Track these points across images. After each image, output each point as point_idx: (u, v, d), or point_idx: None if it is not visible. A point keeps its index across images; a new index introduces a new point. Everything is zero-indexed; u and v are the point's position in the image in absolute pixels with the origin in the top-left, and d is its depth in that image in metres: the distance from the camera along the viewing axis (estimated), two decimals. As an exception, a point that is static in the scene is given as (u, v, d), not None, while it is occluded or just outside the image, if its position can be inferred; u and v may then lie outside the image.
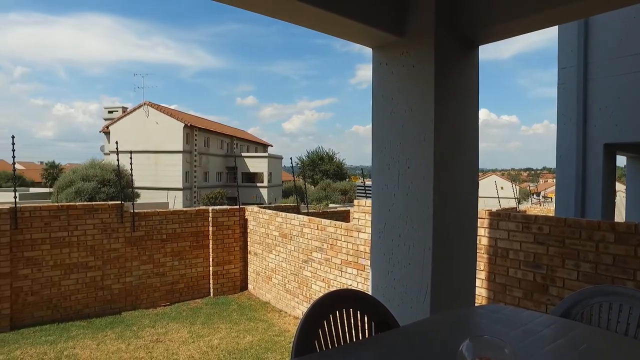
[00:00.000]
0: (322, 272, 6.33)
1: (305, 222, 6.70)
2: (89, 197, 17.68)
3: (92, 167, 20.02)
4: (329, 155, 48.59)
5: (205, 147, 36.45)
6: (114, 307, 7.09)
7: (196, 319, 6.76)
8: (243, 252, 8.34)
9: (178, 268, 7.74)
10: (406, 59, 2.62)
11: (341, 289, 4.38)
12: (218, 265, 8.04)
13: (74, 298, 6.77)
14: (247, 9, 2.31)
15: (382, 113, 2.79)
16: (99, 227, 6.99)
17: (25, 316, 6.39)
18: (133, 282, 7.30)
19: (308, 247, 6.62)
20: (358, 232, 5.67)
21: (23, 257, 6.39)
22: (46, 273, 6.56)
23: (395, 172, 2.66)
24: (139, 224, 7.35)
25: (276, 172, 42.14)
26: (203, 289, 8.03)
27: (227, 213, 8.15)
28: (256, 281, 8.12)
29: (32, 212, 6.50)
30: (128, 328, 6.30)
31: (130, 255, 7.27)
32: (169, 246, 7.63)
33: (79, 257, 6.81)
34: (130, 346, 5.61)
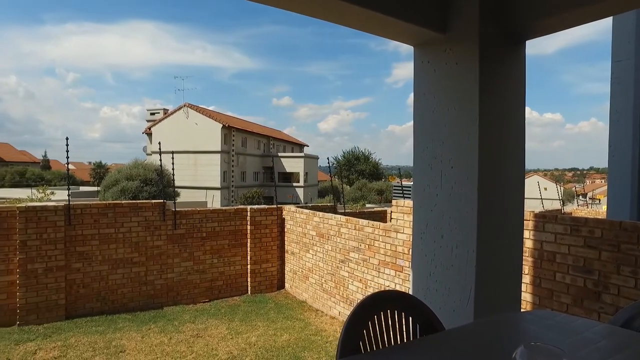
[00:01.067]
0: (359, 272, 6.30)
1: (342, 222, 6.68)
2: (132, 196, 18.43)
3: (135, 166, 20.85)
4: (365, 155, 48.34)
5: (243, 147, 37.13)
6: (157, 302, 7.34)
7: (234, 316, 6.89)
8: (280, 251, 8.43)
9: (217, 266, 7.92)
10: (449, 56, 2.56)
11: (386, 289, 4.34)
12: (256, 263, 8.17)
13: (120, 292, 7.07)
14: (289, 9, 2.32)
15: (424, 112, 2.74)
16: (142, 224, 7.26)
17: (78, 307, 6.74)
18: (174, 278, 7.53)
19: (345, 247, 6.60)
20: (396, 233, 5.59)
21: (75, 252, 6.74)
22: (96, 267, 6.89)
23: (438, 172, 2.60)
24: (180, 222, 7.57)
25: (312, 171, 42.35)
26: (241, 286, 8.17)
27: (265, 212, 8.27)
28: (293, 280, 8.18)
29: (83, 210, 6.84)
30: (170, 322, 6.51)
31: (172, 252, 7.50)
32: (208, 244, 7.82)
33: (125, 253, 7.11)
34: (172, 340, 5.79)
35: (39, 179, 37.43)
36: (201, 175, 32.87)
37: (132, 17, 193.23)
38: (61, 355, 5.22)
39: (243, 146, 37.27)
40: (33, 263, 6.36)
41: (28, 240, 6.33)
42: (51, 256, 6.46)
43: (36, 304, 6.38)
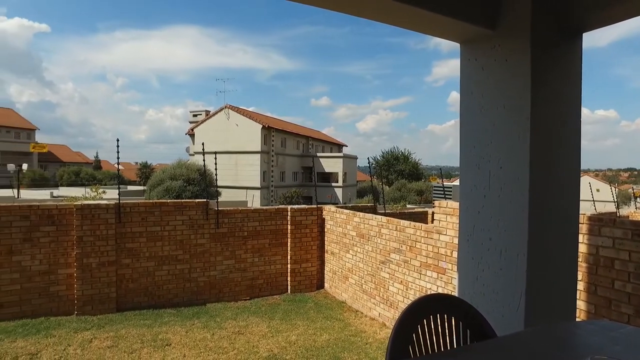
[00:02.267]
0: (400, 273, 6.21)
1: (383, 223, 6.61)
2: (176, 195, 19.08)
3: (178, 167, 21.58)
4: (404, 155, 47.68)
5: (282, 148, 37.57)
6: (200, 299, 7.55)
7: (275, 315, 6.97)
8: (320, 251, 8.45)
9: (258, 264, 8.05)
10: (498, 52, 2.46)
11: (436, 293, 4.24)
12: (296, 263, 8.23)
13: (165, 287, 7.33)
14: (333, 9, 2.31)
15: (472, 110, 2.65)
16: (187, 223, 7.50)
17: (127, 300, 7.05)
18: (217, 276, 7.72)
19: (386, 248, 6.53)
20: (439, 234, 5.47)
21: (125, 248, 7.05)
22: (143, 263, 7.18)
23: (486, 173, 2.51)
24: (222, 221, 7.75)
25: (351, 172, 42.22)
26: (281, 285, 8.26)
27: (305, 212, 8.32)
28: (333, 280, 8.18)
29: (132, 208, 7.15)
30: (212, 319, 6.68)
31: (215, 250, 7.70)
32: (249, 243, 7.97)
33: (170, 251, 7.36)
34: (214, 336, 5.93)
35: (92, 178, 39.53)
36: (241, 175, 33.55)
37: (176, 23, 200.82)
38: (113, 345, 5.48)
39: (282, 146, 37.70)
40: (88, 257, 6.72)
41: (83, 236, 6.69)
42: (103, 252, 6.80)
43: (91, 296, 6.74)
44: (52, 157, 49.03)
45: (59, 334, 5.87)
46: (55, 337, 5.76)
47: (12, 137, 44.43)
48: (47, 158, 47.57)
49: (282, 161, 37.02)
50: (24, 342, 5.56)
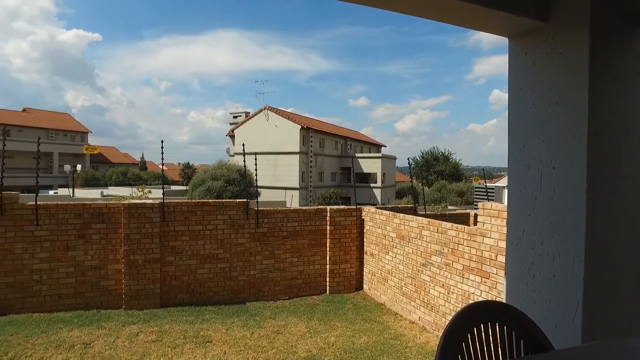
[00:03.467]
0: (441, 277, 6.04)
1: (424, 224, 6.46)
2: (216, 195, 19.54)
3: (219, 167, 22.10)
4: (445, 156, 46.64)
5: (321, 148, 37.67)
6: (240, 297, 7.67)
7: (313, 315, 6.97)
8: (359, 252, 8.38)
9: (297, 264, 8.08)
10: (551, 45, 2.32)
11: (487, 300, 4.08)
12: (335, 263, 8.20)
13: (206, 285, 7.50)
14: (378, 7, 2.25)
15: (521, 108, 2.51)
16: (227, 222, 7.64)
17: (170, 297, 7.28)
18: (256, 275, 7.82)
19: (427, 250, 6.37)
20: (483, 237, 5.27)
21: (169, 246, 7.28)
22: (186, 261, 7.38)
23: (537, 173, 2.37)
24: (262, 221, 7.84)
25: (390, 172, 41.75)
26: (320, 286, 8.26)
27: (345, 213, 8.27)
28: (371, 282, 8.09)
29: (175, 208, 7.37)
30: (252, 318, 6.76)
31: (254, 249, 7.80)
32: (289, 243, 8.01)
33: (211, 249, 7.53)
34: (254, 334, 6.00)
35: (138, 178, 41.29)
36: (280, 175, 33.93)
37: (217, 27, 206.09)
38: (157, 340, 5.66)
39: (321, 147, 37.81)
40: (134, 254, 6.99)
41: (130, 234, 6.96)
42: (149, 249, 7.05)
43: (137, 292, 7.01)
44: (102, 158, 51.65)
45: (108, 326, 6.14)
46: (105, 329, 6.03)
47: (68, 140, 47.17)
48: (98, 159, 50.16)
49: (320, 162, 37.13)
50: (79, 332, 5.86)
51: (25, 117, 46.12)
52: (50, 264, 6.73)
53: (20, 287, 6.64)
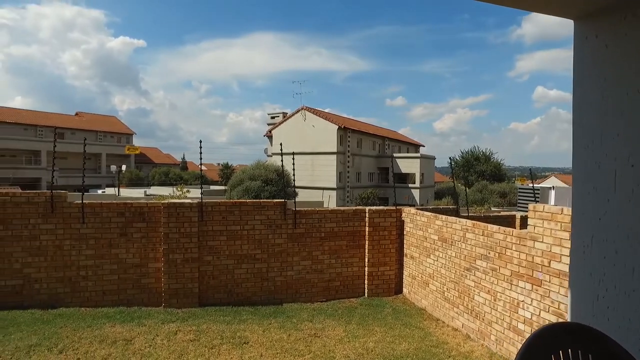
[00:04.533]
0: (487, 282, 5.71)
1: (468, 227, 6.14)
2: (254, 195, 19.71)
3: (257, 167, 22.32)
4: (485, 155, 45.13)
5: (358, 148, 37.37)
6: (277, 298, 7.61)
7: (351, 318, 6.79)
8: (399, 254, 8.12)
9: (335, 266, 7.93)
10: (629, 25, 2.03)
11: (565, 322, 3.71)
12: (373, 266, 7.99)
13: (244, 285, 7.49)
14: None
15: (590, 99, 2.23)
16: (265, 222, 7.59)
17: (208, 296, 7.32)
18: (294, 276, 7.73)
19: (471, 254, 6.05)
20: (534, 242, 4.91)
21: (207, 246, 7.32)
22: (223, 261, 7.40)
23: (610, 172, 2.09)
24: (300, 222, 7.74)
25: (428, 172, 40.86)
26: (358, 288, 8.07)
27: (384, 214, 8.04)
28: (412, 285, 7.81)
29: (213, 207, 7.40)
30: (289, 319, 6.67)
31: (292, 250, 7.71)
32: (326, 244, 7.87)
33: (249, 249, 7.50)
34: (291, 337, 5.90)
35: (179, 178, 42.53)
36: (318, 175, 33.91)
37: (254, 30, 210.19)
38: (195, 339, 5.67)
39: (358, 147, 37.51)
40: (173, 253, 7.07)
41: (169, 233, 7.05)
42: (187, 248, 7.12)
43: (176, 290, 7.08)
44: (146, 158, 53.64)
45: (148, 323, 6.23)
46: (145, 326, 6.12)
47: (115, 141, 49.33)
48: (142, 160, 52.13)
49: (358, 162, 36.83)
50: (121, 328, 5.98)
51: (78, 120, 48.63)
52: (95, 261, 6.93)
53: (69, 282, 6.87)
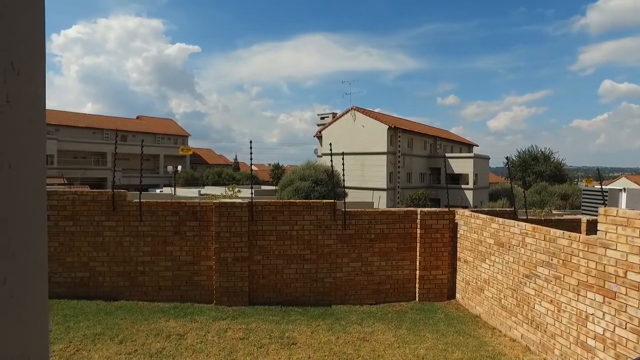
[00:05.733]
0: (549, 291, 5.30)
1: (527, 231, 5.74)
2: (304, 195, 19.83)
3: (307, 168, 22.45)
4: (545, 155, 42.64)
5: (409, 148, 36.65)
6: (325, 299, 7.54)
7: (401, 323, 6.59)
8: (452, 258, 7.79)
9: (385, 268, 7.74)
10: None
11: None
12: (425, 269, 7.71)
13: (293, 286, 7.49)
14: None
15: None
16: (314, 223, 7.55)
17: (258, 295, 7.39)
18: (343, 277, 7.63)
19: (531, 260, 5.65)
20: (605, 249, 4.48)
21: (256, 245, 7.40)
22: (273, 261, 7.44)
23: None
24: (350, 223, 7.63)
25: (482, 173, 39.28)
26: (409, 292, 7.82)
27: (436, 216, 7.74)
28: (465, 291, 7.46)
29: (263, 207, 7.47)
30: (337, 322, 6.57)
31: (341, 251, 7.61)
32: (376, 246, 7.70)
33: (298, 250, 7.50)
34: (339, 340, 5.80)
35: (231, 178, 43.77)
36: (368, 176, 33.61)
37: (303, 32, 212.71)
38: (244, 338, 5.73)
39: (409, 147, 36.77)
40: (225, 252, 7.21)
41: (221, 232, 7.20)
42: (238, 247, 7.23)
43: (227, 288, 7.22)
44: (200, 159, 55.79)
45: (200, 319, 6.39)
46: (197, 322, 6.28)
47: (172, 143, 51.78)
48: (197, 160, 54.27)
49: (408, 162, 36.10)
50: (175, 323, 6.18)
51: (138, 123, 51.57)
52: (152, 258, 7.22)
53: (128, 276, 7.22)
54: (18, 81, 0.68)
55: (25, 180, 0.70)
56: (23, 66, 0.70)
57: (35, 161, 0.73)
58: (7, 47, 0.66)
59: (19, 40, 0.69)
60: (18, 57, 0.68)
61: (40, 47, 0.75)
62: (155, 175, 46.18)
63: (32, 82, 0.72)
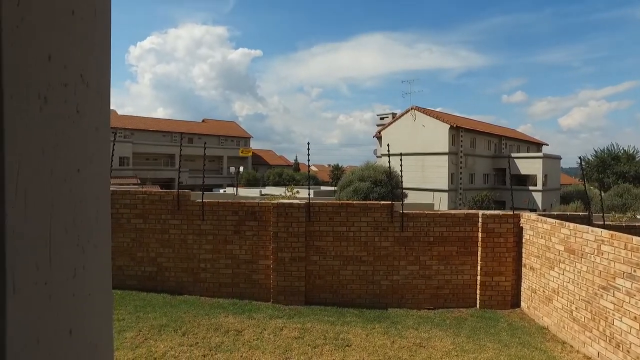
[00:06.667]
0: (632, 306, 4.84)
1: (604, 238, 5.30)
2: (363, 196, 19.71)
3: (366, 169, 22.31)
4: (628, 154, 39.00)
5: (471, 148, 35.23)
6: (382, 302, 7.45)
7: (460, 330, 6.35)
8: (516, 264, 7.38)
9: (443, 273, 7.50)
10: None
11: None
12: (486, 275, 7.37)
13: (349, 287, 7.48)
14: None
15: None
16: (371, 225, 7.49)
17: (314, 295, 7.47)
18: (400, 280, 7.50)
19: (608, 271, 5.20)
20: (696, 260, 4.02)
21: (313, 246, 7.48)
22: (329, 262, 7.48)
23: None
24: (407, 225, 7.49)
25: (552, 174, 36.80)
26: (469, 298, 7.52)
27: (499, 219, 7.37)
28: (531, 300, 7.03)
29: (320, 208, 7.53)
30: (393, 325, 6.47)
31: (398, 254, 7.49)
32: (435, 249, 7.49)
33: (354, 251, 7.48)
34: (394, 344, 5.70)
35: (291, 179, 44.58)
36: (428, 177, 32.76)
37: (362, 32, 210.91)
38: (299, 337, 5.81)
39: (472, 147, 35.34)
40: (282, 252, 7.36)
41: (278, 232, 7.36)
42: (295, 247, 7.35)
43: (284, 288, 7.37)
44: (261, 160, 57.44)
45: (257, 317, 6.57)
46: (255, 319, 6.46)
47: (235, 144, 53.84)
48: (258, 161, 55.94)
49: (471, 162, 34.70)
50: (233, 319, 6.41)
51: (204, 126, 54.16)
52: (213, 255, 7.55)
53: (191, 272, 7.60)
54: (87, 92, 0.74)
55: (91, 182, 0.76)
56: (91, 78, 0.76)
57: (101, 165, 0.79)
58: (78, 62, 0.72)
59: (87, 55, 0.75)
60: (87, 70, 0.74)
61: (106, 59, 0.81)
62: (219, 176, 48.22)
63: (98, 93, 0.79)
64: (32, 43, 0.58)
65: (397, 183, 17.37)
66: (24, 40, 0.57)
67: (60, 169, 0.66)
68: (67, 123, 0.68)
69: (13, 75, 0.54)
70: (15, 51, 0.54)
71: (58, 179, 0.65)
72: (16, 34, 0.55)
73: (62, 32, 0.66)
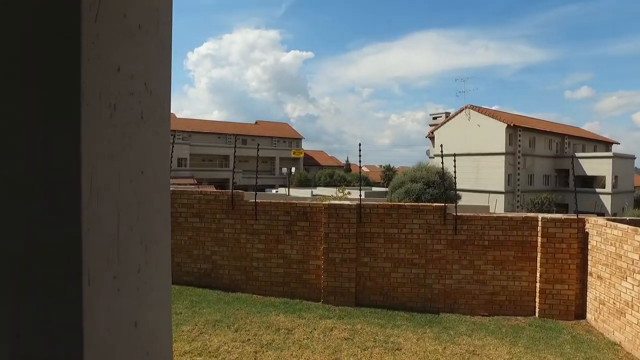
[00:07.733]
0: None
1: (682, 247, 4.84)
2: (415, 197, 19.31)
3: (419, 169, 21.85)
4: None
5: (530, 148, 33.48)
6: (433, 306, 7.27)
7: (518, 340, 6.06)
8: (581, 272, 6.92)
9: (499, 278, 7.19)
10: None
11: None
12: (547, 282, 6.98)
13: (400, 290, 7.37)
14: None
15: None
16: (423, 227, 7.34)
17: (364, 297, 7.44)
18: (452, 285, 7.28)
19: (687, 282, 4.75)
20: None
21: (364, 247, 7.45)
22: (380, 264, 7.42)
23: None
24: (461, 228, 7.26)
25: (624, 175, 34.10)
26: (527, 306, 7.15)
27: (561, 224, 6.95)
28: (599, 311, 6.56)
29: (371, 210, 7.49)
30: (445, 331, 6.30)
31: (451, 258, 7.28)
32: (490, 254, 7.20)
33: (406, 254, 7.36)
34: (446, 350, 5.55)
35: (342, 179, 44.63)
36: (483, 178, 31.54)
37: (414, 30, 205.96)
38: (349, 338, 5.81)
39: (531, 146, 33.58)
40: (333, 253, 7.40)
41: (329, 233, 7.40)
42: (345, 249, 7.36)
43: (334, 288, 7.40)
44: (313, 161, 58.04)
45: (308, 316, 6.65)
46: (305, 319, 6.54)
47: (287, 145, 54.83)
48: (310, 162, 56.56)
49: (530, 163, 32.96)
50: (284, 318, 6.52)
51: (257, 127, 55.62)
52: (265, 254, 7.73)
53: (244, 271, 7.83)
54: (150, 99, 0.80)
55: (153, 183, 0.81)
56: (154, 87, 0.81)
57: (161, 167, 0.85)
58: (143, 72, 0.78)
59: (151, 65, 0.80)
60: (150, 79, 0.80)
61: (167, 68, 0.87)
62: (272, 177, 49.30)
63: (160, 100, 0.84)
64: (105, 56, 0.64)
65: (451, 184, 16.85)
66: (99, 54, 0.62)
67: (126, 171, 0.71)
68: (133, 129, 0.73)
69: (89, 86, 0.60)
70: (91, 64, 0.60)
71: (124, 181, 0.70)
72: (92, 49, 0.60)
73: (129, 45, 0.72)
